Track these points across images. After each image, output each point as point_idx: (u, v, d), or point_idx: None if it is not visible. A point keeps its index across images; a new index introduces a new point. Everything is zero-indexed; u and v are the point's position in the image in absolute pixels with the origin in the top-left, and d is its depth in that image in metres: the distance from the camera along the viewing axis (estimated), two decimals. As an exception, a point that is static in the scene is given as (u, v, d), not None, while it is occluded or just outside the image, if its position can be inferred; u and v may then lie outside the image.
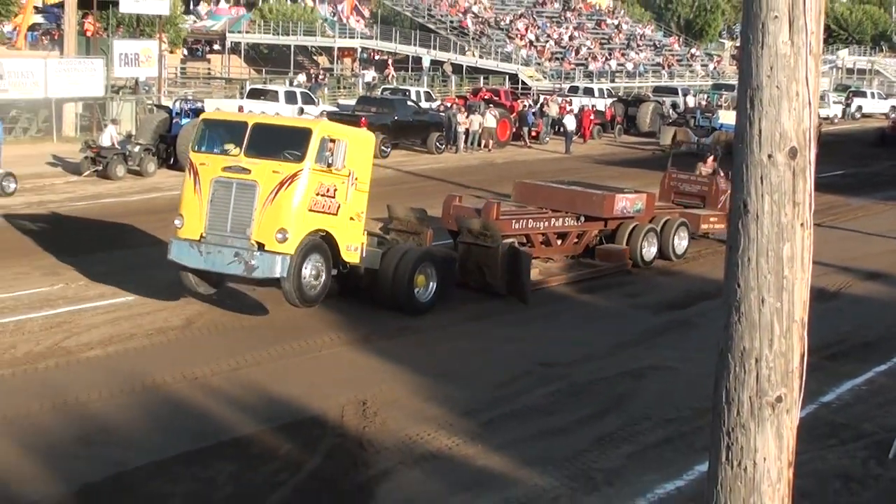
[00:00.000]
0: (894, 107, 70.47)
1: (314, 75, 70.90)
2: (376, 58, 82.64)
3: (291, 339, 16.45)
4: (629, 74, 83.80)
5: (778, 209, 5.47)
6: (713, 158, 27.72)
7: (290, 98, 45.62)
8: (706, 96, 66.45)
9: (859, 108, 73.64)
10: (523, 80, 73.48)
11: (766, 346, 5.59)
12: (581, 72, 79.27)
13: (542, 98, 57.45)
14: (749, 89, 5.49)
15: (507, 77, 74.19)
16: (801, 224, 5.53)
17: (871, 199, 35.04)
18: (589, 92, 62.68)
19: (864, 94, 77.41)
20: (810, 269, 5.55)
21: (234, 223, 16.21)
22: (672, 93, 65.61)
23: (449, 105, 49.89)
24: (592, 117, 52.57)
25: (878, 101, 75.65)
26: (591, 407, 14.08)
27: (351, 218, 17.08)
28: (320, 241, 16.61)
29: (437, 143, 43.94)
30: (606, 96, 61.95)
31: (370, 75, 71.55)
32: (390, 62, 77.55)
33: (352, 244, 17.21)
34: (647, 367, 16.01)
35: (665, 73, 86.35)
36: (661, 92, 66.72)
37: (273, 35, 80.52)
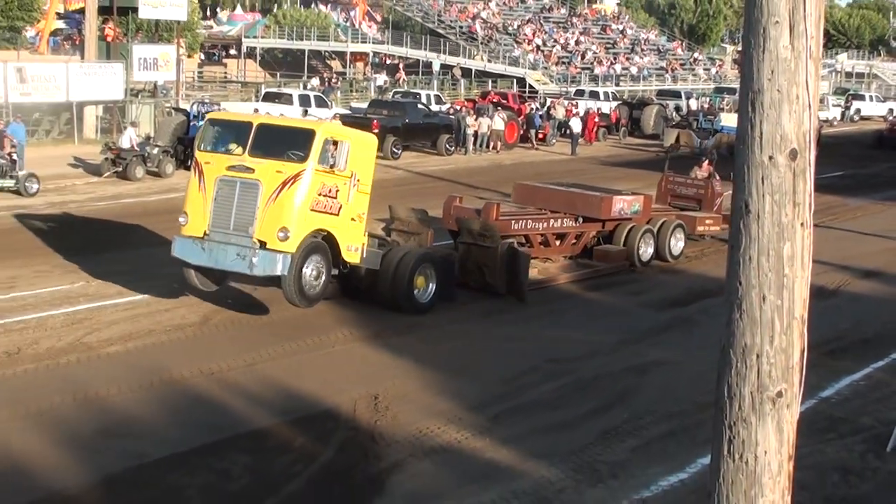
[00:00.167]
0: (892, 110, 70.34)
1: (327, 79, 70.95)
2: (388, 62, 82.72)
3: (305, 336, 16.46)
4: (634, 78, 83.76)
5: (778, 209, 5.47)
6: (709, 162, 27.67)
7: (304, 101, 45.62)
8: (709, 99, 66.33)
9: (858, 111, 73.58)
10: (530, 84, 73.43)
11: (767, 342, 5.58)
12: (587, 75, 79.17)
13: (548, 101, 57.45)
14: (750, 92, 5.48)
15: (515, 81, 74.18)
16: (801, 224, 5.52)
17: (869, 200, 34.99)
18: (594, 95, 62.62)
19: (862, 98, 77.33)
20: (810, 268, 5.54)
21: (237, 221, 16.08)
22: (675, 96, 65.59)
23: (458, 108, 49.92)
24: (597, 120, 52.55)
25: (877, 105, 75.56)
26: (596, 401, 14.08)
27: (352, 219, 16.95)
28: (321, 241, 16.49)
29: (447, 145, 43.94)
30: (611, 99, 61.89)
31: (382, 79, 71.60)
32: (401, 66, 77.58)
33: (353, 244, 17.07)
34: (651, 362, 16.00)
35: (668, 77, 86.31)
36: (665, 95, 66.69)
37: (287, 40, 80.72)
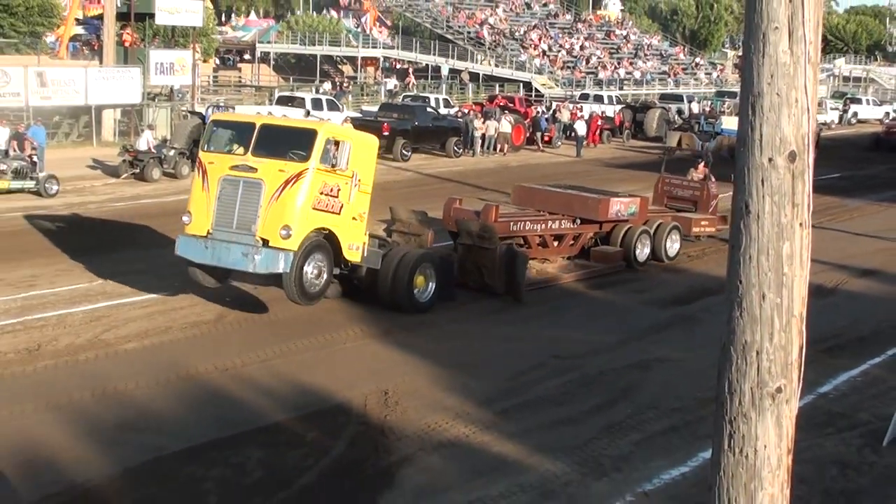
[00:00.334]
0: (888, 113, 70.22)
1: (339, 83, 71.11)
2: (398, 66, 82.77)
3: (317, 333, 16.47)
4: (637, 82, 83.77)
5: (778, 210, 5.46)
6: (704, 164, 27.62)
7: (317, 105, 45.66)
8: (710, 103, 66.40)
9: (855, 114, 73.58)
10: (537, 88, 73.48)
11: (767, 339, 5.58)
12: (591, 80, 79.24)
13: (554, 105, 57.51)
14: (751, 96, 5.48)
15: (522, 85, 74.24)
16: (800, 224, 5.52)
17: (866, 201, 34.95)
18: (599, 99, 62.67)
19: (859, 101, 77.33)
20: (808, 267, 5.54)
21: (240, 220, 15.97)
22: (677, 100, 65.62)
23: (466, 111, 49.93)
24: (600, 123, 52.55)
25: (873, 108, 75.53)
26: (601, 397, 14.07)
27: (353, 218, 16.82)
28: (323, 240, 16.38)
29: (455, 148, 43.94)
30: (615, 103, 61.89)
31: (392, 83, 71.66)
32: (411, 71, 77.64)
33: (354, 243, 16.96)
34: (654, 359, 15.99)
35: (671, 81, 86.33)
36: (667, 99, 66.74)
37: (300, 45, 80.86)
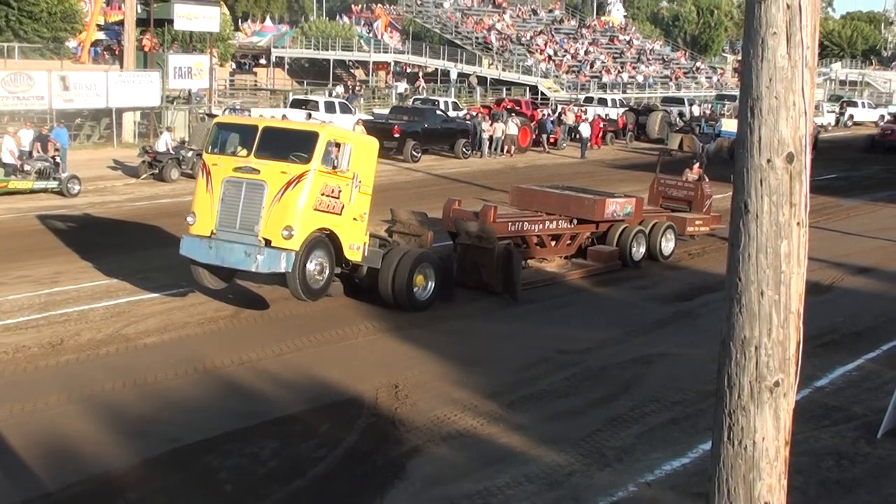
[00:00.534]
0: (883, 115, 70.07)
1: (351, 87, 71.07)
2: (408, 71, 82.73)
3: (330, 328, 16.48)
4: (639, 86, 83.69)
5: (776, 209, 5.46)
6: (699, 165, 27.51)
7: (330, 108, 45.70)
8: (710, 106, 66.30)
9: (851, 116, 73.45)
10: (542, 91, 73.43)
11: (765, 335, 5.57)
12: (595, 83, 79.13)
13: (559, 108, 57.45)
14: (750, 99, 5.47)
15: (528, 88, 74.20)
16: (798, 223, 5.51)
17: (861, 201, 34.89)
18: (603, 102, 62.62)
19: (855, 104, 77.24)
20: (806, 265, 5.54)
21: (243, 220, 15.89)
22: (679, 103, 65.56)
23: (474, 114, 49.92)
24: (602, 125, 52.50)
25: (869, 111, 75.43)
26: (604, 390, 14.06)
27: (354, 218, 16.73)
28: (324, 239, 16.28)
29: (464, 149, 43.95)
30: (619, 106, 61.84)
31: (402, 87, 71.70)
32: (421, 75, 77.62)
33: (354, 243, 16.88)
34: (656, 353, 15.97)
35: (672, 85, 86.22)
36: (669, 102, 66.68)
37: (314, 50, 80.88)
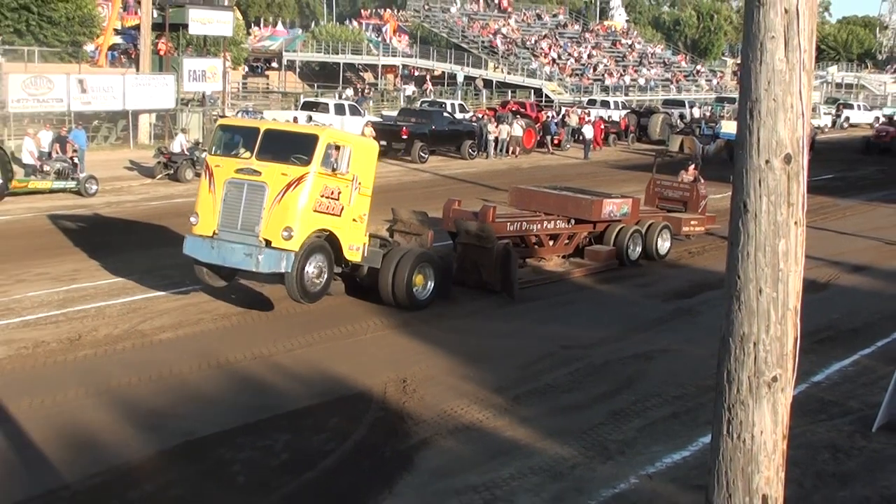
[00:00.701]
0: (878, 118, 69.94)
1: (361, 89, 71.14)
2: (416, 74, 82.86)
3: (340, 324, 16.48)
4: (641, 88, 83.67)
5: (774, 209, 5.45)
6: (694, 167, 27.43)
7: (339, 110, 45.72)
8: (710, 108, 66.16)
9: (847, 118, 73.31)
10: (547, 94, 73.46)
11: (764, 331, 5.57)
12: (598, 86, 79.12)
13: (563, 110, 57.40)
14: (749, 102, 5.47)
15: (533, 91, 74.25)
16: (795, 222, 5.50)
17: (857, 201, 34.83)
18: (605, 104, 62.58)
19: (851, 107, 77.07)
20: (803, 263, 5.53)
21: (244, 221, 15.82)
22: (680, 105, 65.55)
23: (480, 116, 49.95)
24: (603, 127, 52.43)
25: (864, 113, 75.22)
26: (607, 385, 14.05)
27: (354, 219, 16.64)
28: (324, 241, 16.21)
29: (470, 150, 43.95)
30: (621, 108, 61.80)
31: (410, 89, 71.75)
32: (428, 78, 77.76)
33: (354, 244, 16.80)
34: (657, 349, 15.96)
35: (673, 88, 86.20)
36: (670, 104, 66.66)
37: (324, 54, 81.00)
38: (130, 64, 49.00)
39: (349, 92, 65.41)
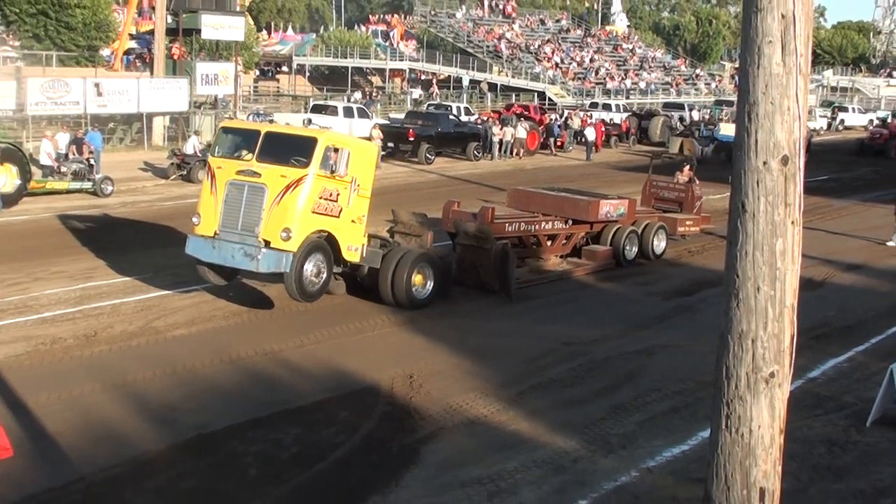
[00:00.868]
0: (872, 120, 69.83)
1: (369, 93, 71.18)
2: (422, 77, 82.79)
3: (348, 321, 16.48)
4: (642, 92, 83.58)
5: (772, 209, 5.45)
6: (689, 168, 27.35)
7: (348, 112, 45.70)
8: (709, 111, 66.08)
9: (842, 121, 73.23)
10: (550, 97, 73.37)
11: (761, 328, 5.57)
12: (600, 89, 79.08)
13: (566, 112, 57.39)
14: (747, 104, 5.47)
15: (536, 94, 74.16)
16: (792, 222, 5.50)
17: (852, 201, 34.80)
18: (607, 107, 62.64)
19: (846, 109, 76.98)
20: (799, 262, 5.53)
21: (244, 222, 15.78)
22: (679, 108, 65.50)
23: (485, 119, 49.91)
24: (605, 129, 52.37)
25: (859, 115, 75.17)
26: (608, 380, 14.04)
27: (353, 221, 16.54)
28: (322, 241, 16.10)
29: (475, 152, 43.92)
30: (622, 111, 61.75)
31: (417, 93, 71.69)
32: (434, 81, 77.67)
33: (353, 245, 16.69)
34: (657, 345, 15.95)
35: (673, 91, 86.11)
36: (670, 107, 66.60)
37: (333, 58, 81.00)
38: (145, 68, 49.03)
39: (357, 95, 65.39)
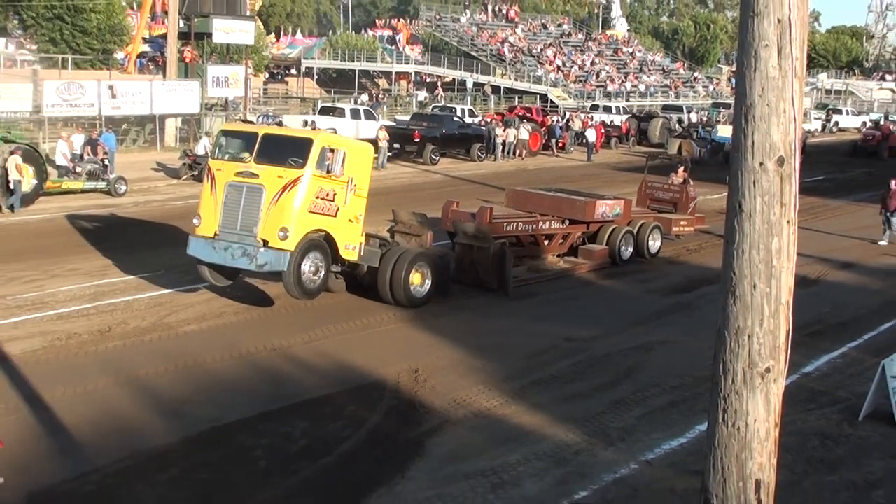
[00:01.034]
0: (865, 122, 69.71)
1: (375, 95, 71.13)
2: (427, 80, 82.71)
3: (355, 317, 16.49)
4: (641, 94, 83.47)
5: (768, 209, 5.44)
6: (684, 169, 27.29)
7: (355, 114, 45.67)
8: (707, 113, 66.01)
9: (836, 123, 73.09)
10: (552, 99, 73.30)
11: (757, 324, 5.57)
12: (601, 92, 78.98)
13: (567, 114, 57.33)
14: (744, 107, 5.46)
15: (538, 96, 74.08)
16: (788, 221, 5.50)
17: (846, 201, 34.74)
18: (607, 109, 62.51)
19: (840, 112, 76.82)
20: (795, 260, 5.53)
21: (243, 222, 15.74)
22: (678, 110, 65.39)
23: (489, 120, 49.85)
24: (603, 131, 52.28)
25: (852, 118, 75.03)
26: (608, 375, 14.05)
27: (349, 220, 16.49)
28: (320, 240, 16.05)
29: (479, 153, 43.89)
30: (622, 113, 61.69)
31: (422, 95, 71.68)
32: (439, 84, 77.61)
33: (350, 244, 16.64)
34: (656, 341, 15.95)
35: (672, 94, 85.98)
36: (669, 109, 66.49)
37: (341, 61, 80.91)
38: (157, 71, 49.09)
39: (364, 97, 65.38)
